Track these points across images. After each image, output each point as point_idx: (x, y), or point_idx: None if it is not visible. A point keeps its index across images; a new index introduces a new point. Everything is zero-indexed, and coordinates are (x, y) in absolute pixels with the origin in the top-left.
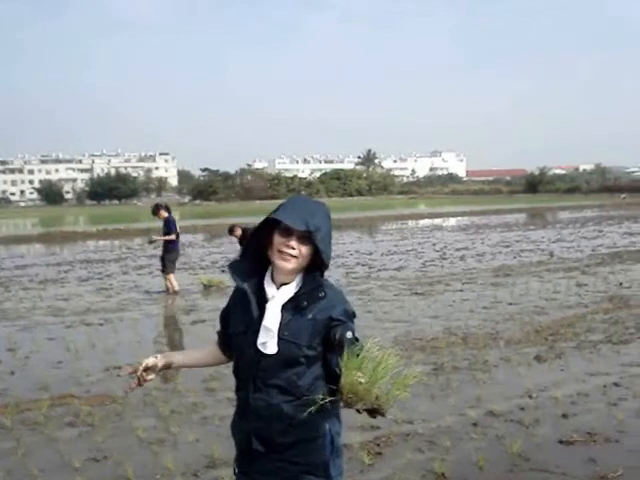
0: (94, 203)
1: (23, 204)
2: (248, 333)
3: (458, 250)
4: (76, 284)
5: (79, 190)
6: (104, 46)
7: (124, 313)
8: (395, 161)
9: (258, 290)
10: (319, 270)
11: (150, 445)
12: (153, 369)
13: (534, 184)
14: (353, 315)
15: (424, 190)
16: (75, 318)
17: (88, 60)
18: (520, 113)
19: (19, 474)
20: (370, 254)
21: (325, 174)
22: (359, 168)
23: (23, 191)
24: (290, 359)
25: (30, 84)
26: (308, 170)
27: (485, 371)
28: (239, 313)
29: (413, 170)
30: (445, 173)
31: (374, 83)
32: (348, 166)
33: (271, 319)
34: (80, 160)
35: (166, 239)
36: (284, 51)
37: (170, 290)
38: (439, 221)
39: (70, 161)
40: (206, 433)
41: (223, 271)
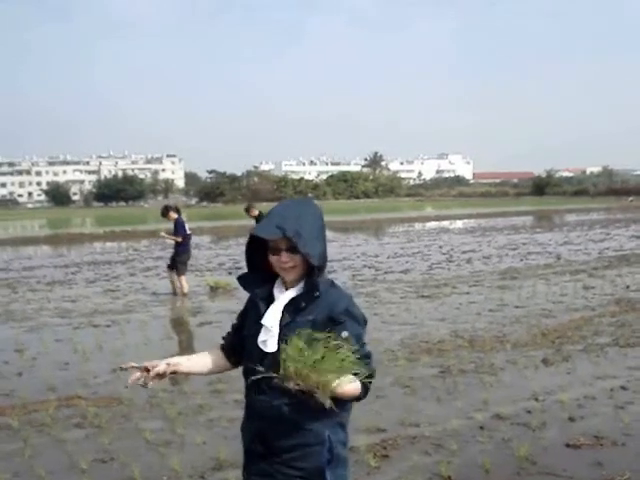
0: (101, 205)
1: (30, 206)
2: (255, 335)
3: (465, 253)
4: (83, 286)
5: (86, 192)
6: (111, 48)
7: (131, 315)
8: (402, 163)
9: (268, 296)
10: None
11: (157, 447)
12: (162, 375)
13: (541, 186)
14: (359, 317)
15: (431, 192)
16: (82, 320)
17: (95, 62)
18: (526, 115)
19: (26, 475)
20: (377, 256)
21: (332, 176)
22: (366, 170)
23: (31, 193)
24: None
25: (37, 86)
26: (315, 172)
27: (492, 374)
28: (252, 318)
29: (420, 172)
30: (452, 175)
31: (381, 85)
32: (355, 168)
33: (269, 318)
34: (87, 162)
35: (172, 239)
36: (292, 53)
37: (178, 291)
38: (446, 223)
39: (77, 163)
40: (213, 435)
41: (230, 273)
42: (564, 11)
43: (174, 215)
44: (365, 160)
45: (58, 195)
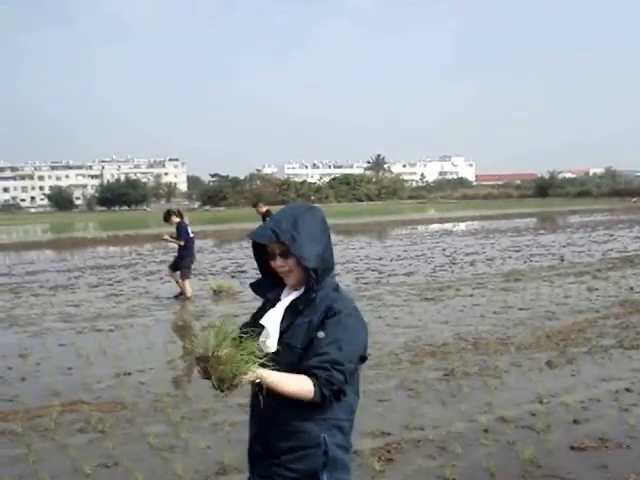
0: (104, 209)
1: (33, 210)
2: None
3: (468, 255)
4: (86, 290)
5: (89, 196)
6: (113, 52)
7: (134, 319)
8: (404, 166)
9: (276, 299)
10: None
11: (161, 451)
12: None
13: (544, 188)
14: (349, 324)
15: (434, 195)
16: (85, 324)
17: (98, 66)
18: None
19: None
20: (380, 259)
21: (334, 179)
22: (368, 173)
23: (33, 197)
24: (288, 362)
25: (39, 90)
26: (317, 175)
27: (496, 377)
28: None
29: (422, 175)
30: (455, 177)
31: (383, 87)
32: (357, 171)
33: (268, 318)
34: (90, 166)
35: (175, 243)
36: (294, 56)
37: (182, 294)
38: (449, 226)
39: (80, 167)
40: (216, 439)
41: (233, 277)
42: (565, 11)
43: (176, 219)
44: (368, 163)
45: (61, 200)
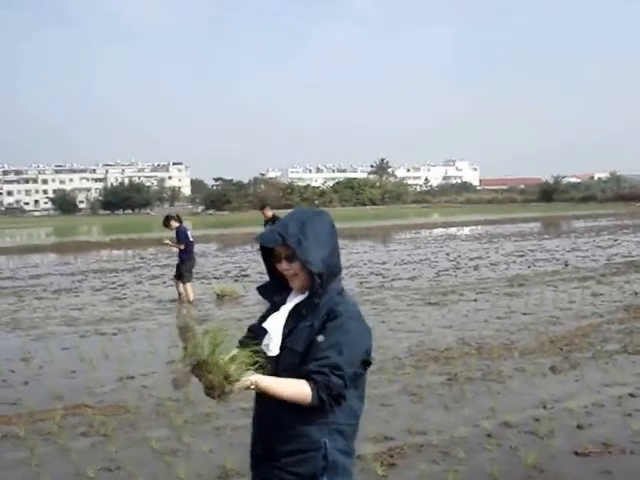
0: (108, 213)
1: (37, 214)
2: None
3: (472, 259)
4: (90, 294)
5: (93, 200)
6: (113, 52)
7: (137, 323)
8: (408, 170)
9: (282, 303)
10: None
11: (163, 455)
12: None
13: (548, 193)
14: (351, 328)
15: (437, 199)
16: (89, 328)
17: (102, 70)
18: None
19: None
20: (383, 264)
21: (338, 183)
22: (372, 177)
23: (37, 201)
24: (289, 366)
25: (42, 94)
26: (321, 179)
27: (499, 382)
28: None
29: (426, 179)
30: (459, 182)
31: (386, 91)
32: (361, 175)
33: (271, 322)
34: (94, 170)
35: (175, 247)
36: (297, 59)
37: (184, 298)
38: (453, 230)
39: (84, 171)
40: (219, 443)
41: (236, 280)
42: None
43: (175, 224)
44: (371, 167)
45: (65, 203)
